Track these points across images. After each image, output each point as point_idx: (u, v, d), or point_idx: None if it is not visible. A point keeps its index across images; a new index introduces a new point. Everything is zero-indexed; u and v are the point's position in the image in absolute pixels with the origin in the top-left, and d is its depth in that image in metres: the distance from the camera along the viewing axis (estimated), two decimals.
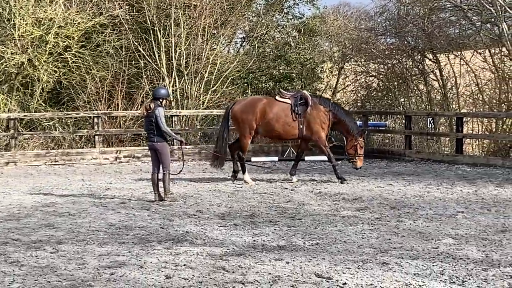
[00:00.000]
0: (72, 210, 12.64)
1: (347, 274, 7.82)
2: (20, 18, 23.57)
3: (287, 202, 13.34)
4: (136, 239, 9.98)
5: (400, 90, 27.08)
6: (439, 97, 25.86)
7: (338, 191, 14.70)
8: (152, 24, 25.03)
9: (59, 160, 21.55)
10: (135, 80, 25.65)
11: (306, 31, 29.78)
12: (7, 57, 23.42)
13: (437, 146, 24.06)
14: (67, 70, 24.63)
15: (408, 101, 26.71)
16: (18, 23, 23.50)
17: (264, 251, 9.07)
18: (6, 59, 23.45)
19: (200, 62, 25.67)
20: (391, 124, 26.62)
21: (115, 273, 7.93)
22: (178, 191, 14.97)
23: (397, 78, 26.74)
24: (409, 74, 26.26)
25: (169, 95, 13.73)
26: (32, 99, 24.29)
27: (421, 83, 26.27)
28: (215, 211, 12.45)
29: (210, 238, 10.03)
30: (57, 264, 8.42)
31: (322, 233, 10.26)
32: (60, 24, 23.93)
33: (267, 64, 28.61)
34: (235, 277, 7.72)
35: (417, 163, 20.61)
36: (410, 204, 12.75)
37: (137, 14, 25.41)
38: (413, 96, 26.71)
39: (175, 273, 7.92)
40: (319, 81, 30.44)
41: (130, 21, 25.13)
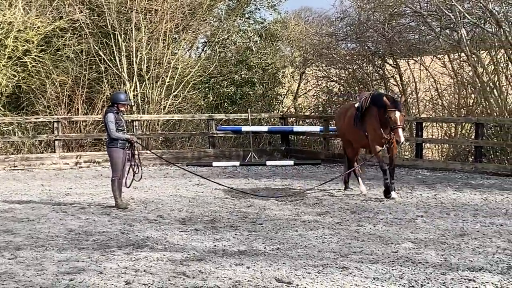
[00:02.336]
0: (31, 216, 12.52)
1: (307, 278, 7.85)
2: None
3: (248, 207, 13.35)
4: (96, 245, 9.91)
5: None
6: None
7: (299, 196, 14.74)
8: (112, 29, 24.89)
9: (18, 165, 21.31)
10: (95, 85, 25.46)
11: (267, 36, 29.85)
12: None
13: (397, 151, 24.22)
14: (27, 75, 24.38)
15: None
16: None
17: (224, 256, 9.07)
18: None
19: (161, 66, 25.58)
20: None
21: (74, 279, 7.87)
22: (139, 196, 14.91)
23: (358, 83, 26.88)
24: (369, 79, 26.42)
25: (126, 100, 13.40)
26: None
27: (381, 88, 26.44)
28: (176, 216, 12.42)
29: (170, 243, 10.00)
30: (15, 271, 8.34)
31: (282, 238, 10.29)
32: (19, 28, 23.68)
33: (228, 69, 28.62)
34: (195, 282, 7.71)
35: (377, 168, 20.68)
36: (370, 209, 12.83)
37: (97, 18, 25.25)
38: None
39: (135, 278, 7.89)
40: (281, 86, 30.52)
41: (90, 25, 24.96)
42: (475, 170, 18.62)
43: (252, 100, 28.41)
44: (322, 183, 15.80)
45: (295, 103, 30.11)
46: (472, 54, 21.43)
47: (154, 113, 25.09)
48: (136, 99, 25.28)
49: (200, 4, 26.80)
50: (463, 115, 22.25)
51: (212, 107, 27.90)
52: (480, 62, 21.53)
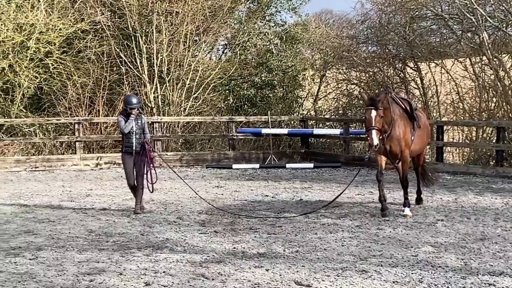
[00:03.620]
0: (52, 217, 12.59)
1: (327, 281, 7.84)
2: (1, 24, 23.45)
3: (268, 210, 13.35)
4: (116, 246, 9.95)
5: None
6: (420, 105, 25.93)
7: (318, 199, 14.72)
8: (134, 31, 24.99)
9: (39, 166, 21.44)
10: (116, 87, 25.57)
11: (288, 39, 29.81)
12: None
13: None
14: (48, 76, 24.53)
15: None
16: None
17: (244, 258, 9.07)
18: None
19: (181, 68, 25.64)
20: None
21: (94, 280, 7.91)
22: (159, 198, 14.95)
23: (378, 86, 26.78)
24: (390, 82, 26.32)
25: (136, 103, 13.16)
26: (13, 105, 24.16)
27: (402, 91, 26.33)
28: (196, 218, 12.44)
29: (190, 245, 10.03)
30: (36, 271, 8.39)
31: (302, 240, 10.28)
32: (41, 29, 23.83)
33: (249, 71, 28.62)
34: (214, 284, 7.72)
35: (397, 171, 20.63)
36: (390, 212, 12.79)
37: (119, 20, 25.36)
38: None
39: (155, 280, 7.91)
40: (301, 89, 30.49)
41: (112, 28, 25.08)
42: (496, 174, 18.51)
43: (272, 103, 28.39)
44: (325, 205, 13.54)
45: (315, 105, 30.07)
46: (493, 57, 21.32)
47: (175, 115, 25.15)
48: (156, 101, 25.36)
49: (221, 7, 26.85)
50: (484, 119, 22.13)
51: (232, 110, 27.92)
52: (501, 66, 21.42)
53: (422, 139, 13.23)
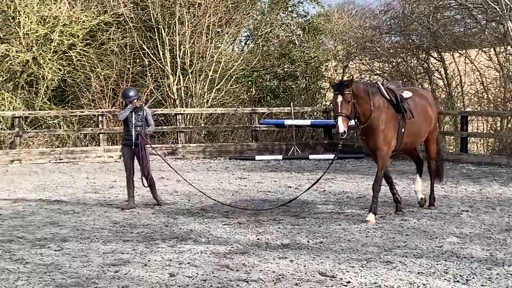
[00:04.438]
0: (77, 208, 12.66)
1: (351, 272, 7.82)
2: (25, 16, 23.58)
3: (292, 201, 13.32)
4: (140, 237, 10.00)
5: None
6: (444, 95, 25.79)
7: (342, 190, 14.69)
8: (156, 23, 25.03)
9: (63, 158, 21.57)
10: (139, 79, 25.65)
11: (310, 30, 29.72)
12: (12, 55, 23.43)
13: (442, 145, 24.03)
14: (72, 68, 24.64)
15: None
16: (23, 21, 23.52)
17: (268, 249, 9.08)
18: (11, 57, 23.46)
19: (204, 60, 25.66)
20: None
21: (119, 271, 7.95)
22: (182, 189, 14.98)
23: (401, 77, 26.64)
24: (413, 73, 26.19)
25: (131, 96, 12.94)
26: (37, 97, 24.31)
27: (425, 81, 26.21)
28: (219, 209, 12.46)
29: (214, 236, 10.04)
30: (61, 262, 8.44)
31: (326, 231, 10.27)
32: (64, 22, 23.94)
33: (271, 62, 28.57)
34: (239, 275, 7.73)
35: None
36: (414, 203, 12.73)
37: (141, 12, 25.40)
38: None
39: (179, 271, 7.94)
40: (324, 80, 30.40)
41: (134, 19, 25.12)
42: None
43: (295, 94, 28.35)
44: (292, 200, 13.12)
45: None
46: None
47: (197, 106, 25.18)
48: (179, 93, 25.40)
49: None
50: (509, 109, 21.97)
51: (255, 101, 27.91)
52: None
53: (419, 129, 11.93)
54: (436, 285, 7.31)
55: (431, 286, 7.26)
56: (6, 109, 23.43)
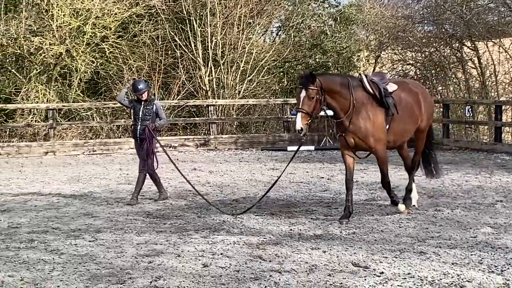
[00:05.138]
0: (110, 199, 12.75)
1: (384, 263, 7.79)
2: (58, 9, 23.75)
3: (324, 191, 13.32)
4: (173, 228, 10.04)
5: (438, 78, 26.83)
6: (478, 85, 25.59)
7: (374, 180, 14.61)
8: (188, 14, 25.09)
9: (97, 149, 21.73)
10: (171, 70, 25.75)
11: (342, 20, 29.63)
12: (45, 48, 23.63)
13: (476, 135, 23.84)
14: (105, 61, 24.80)
15: (446, 89, 26.47)
16: (56, 14, 23.70)
17: (300, 240, 9.07)
18: (44, 49, 23.67)
19: (236, 51, 25.69)
20: None
21: (153, 262, 7.99)
22: (215, 180, 15.03)
23: (434, 66, 26.49)
24: (447, 62, 26.01)
25: (140, 90, 12.61)
26: (70, 90, 24.50)
27: (459, 71, 26.02)
28: (252, 200, 12.47)
29: (246, 227, 10.06)
30: (96, 253, 8.51)
31: (358, 222, 10.24)
32: (97, 14, 24.08)
33: (303, 53, 28.52)
34: (272, 266, 7.73)
35: (455, 152, 20.43)
36: (448, 193, 12.65)
37: (173, 4, 25.47)
38: (451, 84, 26.46)
39: (212, 261, 7.96)
40: (356, 70, 30.26)
41: (166, 11, 25.21)
42: None
43: None
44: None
45: None
46: None
47: (229, 98, 25.22)
48: (211, 84, 25.45)
49: None
50: None
51: (286, 92, 27.88)
52: None
53: (403, 128, 10.93)
54: (470, 275, 7.25)
55: (465, 277, 7.21)
56: (40, 102, 23.65)
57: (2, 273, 7.58)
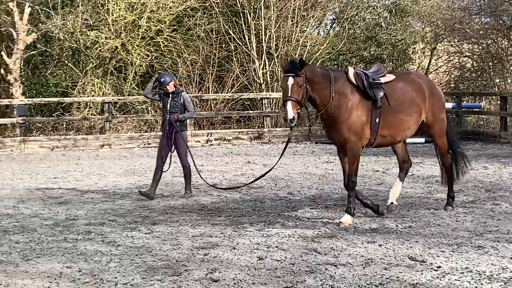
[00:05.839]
0: (165, 192, 12.83)
1: (441, 257, 7.70)
2: (114, 3, 23.98)
3: (379, 185, 13.23)
4: (228, 221, 10.06)
5: (495, 70, 26.42)
6: None
7: (431, 174, 14.46)
8: (242, 7, 25.11)
9: (151, 142, 21.89)
10: (225, 63, 25.83)
11: (397, 12, 29.33)
12: (101, 42, 23.90)
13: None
14: (159, 54, 24.98)
15: (503, 81, 26.04)
16: (111, 8, 23.94)
17: (356, 233, 9.02)
18: (100, 43, 23.93)
19: (290, 44, 25.64)
20: (485, 106, 26.02)
21: (208, 254, 8.01)
22: (269, 173, 14.99)
23: (492, 58, 26.09)
24: (504, 54, 25.59)
25: (164, 82, 12.56)
26: (125, 83, 24.74)
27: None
28: (306, 193, 12.44)
29: (301, 220, 10.03)
30: (152, 245, 8.57)
31: (414, 216, 10.13)
32: (152, 8, 24.25)
33: (357, 45, 28.35)
34: (327, 259, 7.70)
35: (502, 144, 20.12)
36: (506, 187, 12.45)
37: None
38: (509, 77, 26.03)
39: (268, 254, 7.95)
40: (411, 62, 29.98)
41: (220, 5, 25.27)
42: None
43: None
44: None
45: None
46: None
47: None
48: (265, 77, 25.45)
49: None
50: None
51: None
52: None
53: (400, 120, 10.17)
54: None
55: None
56: (96, 95, 23.93)
57: (61, 264, 7.68)
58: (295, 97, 9.45)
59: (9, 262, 7.85)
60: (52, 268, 7.56)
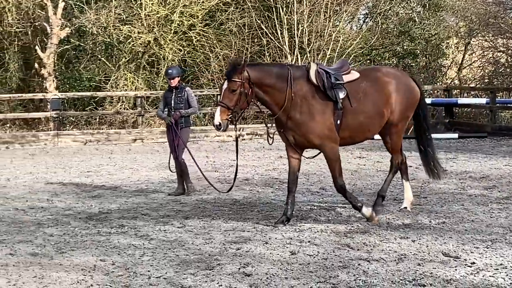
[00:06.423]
0: (198, 186, 12.85)
1: (476, 253, 7.64)
2: None
3: (412, 180, 13.10)
4: (260, 216, 10.07)
5: None
6: None
7: (464, 170, 14.34)
8: (274, 2, 25.07)
9: None
10: (257, 58, 25.80)
11: (431, 6, 29.11)
12: (134, 37, 24.01)
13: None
14: (191, 49, 25.03)
15: None
16: (144, 3, 24.03)
17: (389, 229, 8.97)
18: (133, 38, 24.04)
19: (322, 39, 25.56)
20: None
21: (241, 248, 8.02)
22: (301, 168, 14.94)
23: None
24: None
25: (170, 74, 12.48)
26: (158, 77, 24.83)
27: None
28: None
29: (334, 215, 10.01)
30: (184, 239, 8.60)
31: (448, 211, 10.06)
32: (184, 3, 24.31)
33: (390, 40, 28.17)
34: (360, 255, 7.67)
35: None
36: None
37: None
38: None
39: (300, 249, 7.94)
40: (444, 57, 29.76)
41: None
42: None
43: (414, 72, 27.84)
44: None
45: (460, 74, 29.28)
46: None
47: None
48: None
49: None
50: None
51: None
52: None
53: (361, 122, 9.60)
54: None
55: None
56: (129, 89, 24.05)
57: (94, 257, 7.74)
58: (225, 103, 9.04)
59: (43, 255, 7.93)
60: (86, 261, 7.61)
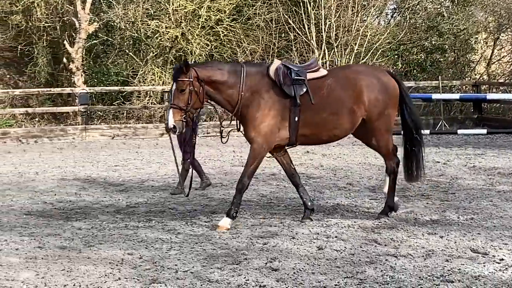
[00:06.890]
0: (225, 181, 12.89)
1: (504, 250, 7.58)
2: None
3: (440, 176, 13.06)
4: (287, 210, 10.07)
5: None
6: None
7: (493, 166, 14.22)
8: None
9: (211, 132, 21.98)
10: (284, 53, 25.77)
11: (460, 1, 28.86)
12: (161, 31, 24.07)
13: None
14: (219, 44, 25.05)
15: None
16: None
17: (416, 224, 8.93)
18: (161, 33, 24.10)
19: (350, 34, 25.47)
20: None
21: (267, 243, 8.02)
22: (328, 163, 14.96)
23: None
24: None
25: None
26: None
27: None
28: (366, 184, 12.37)
29: (361, 210, 9.99)
30: (211, 233, 8.62)
31: (476, 207, 9.98)
32: None
33: (418, 35, 27.98)
34: (387, 250, 7.64)
35: None
36: None
37: None
38: None
39: (327, 244, 7.93)
40: (473, 53, 29.51)
41: None
42: None
43: (442, 67, 27.67)
44: None
45: (489, 70, 29.03)
46: None
47: None
48: (324, 67, 25.33)
49: None
50: None
51: (401, 75, 27.40)
52: None
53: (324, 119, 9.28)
54: None
55: None
56: (156, 84, 24.13)
57: (122, 251, 7.78)
58: (176, 104, 8.91)
59: (72, 248, 7.98)
60: (114, 254, 7.65)
